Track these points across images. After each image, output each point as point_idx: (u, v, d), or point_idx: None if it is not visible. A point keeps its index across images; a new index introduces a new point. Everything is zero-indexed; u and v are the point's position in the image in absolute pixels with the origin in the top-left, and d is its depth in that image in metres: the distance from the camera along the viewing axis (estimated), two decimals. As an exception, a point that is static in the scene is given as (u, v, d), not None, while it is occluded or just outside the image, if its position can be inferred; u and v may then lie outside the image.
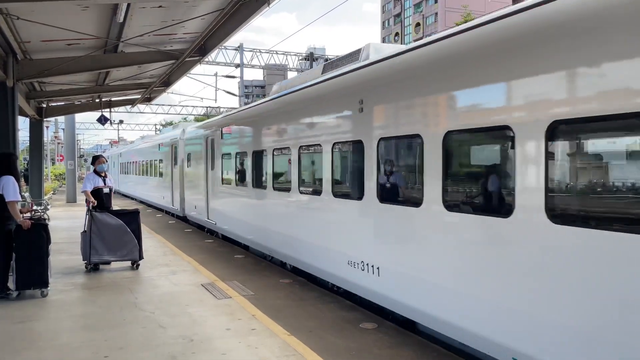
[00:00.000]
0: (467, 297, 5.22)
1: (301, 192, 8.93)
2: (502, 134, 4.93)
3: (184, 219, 18.86)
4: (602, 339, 3.93)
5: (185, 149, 18.21)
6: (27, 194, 15.10)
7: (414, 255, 6.08)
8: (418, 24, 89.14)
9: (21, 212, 8.09)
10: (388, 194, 6.66)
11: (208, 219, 15.02)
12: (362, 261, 7.02)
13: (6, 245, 7.85)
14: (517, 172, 4.64)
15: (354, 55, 8.36)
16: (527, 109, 4.57)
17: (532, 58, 4.50)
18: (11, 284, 7.91)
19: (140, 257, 10.08)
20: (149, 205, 25.64)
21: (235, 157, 12.47)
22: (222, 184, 13.70)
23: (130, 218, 10.05)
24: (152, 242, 13.35)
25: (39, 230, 7.95)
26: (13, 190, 7.71)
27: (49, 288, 8.02)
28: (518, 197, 4.61)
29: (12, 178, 7.82)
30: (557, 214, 4.31)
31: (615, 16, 3.88)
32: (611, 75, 3.91)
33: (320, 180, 8.24)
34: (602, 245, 3.93)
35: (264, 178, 10.76)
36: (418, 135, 5.94)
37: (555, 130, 4.30)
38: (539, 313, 4.42)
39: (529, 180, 4.53)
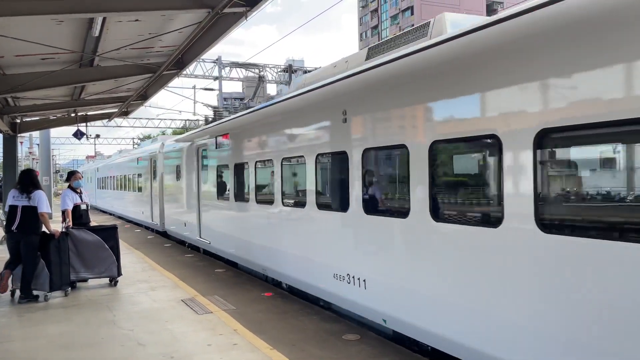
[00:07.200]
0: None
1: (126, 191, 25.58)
2: None
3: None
4: None
5: (99, 174, 35.65)
6: (0, 212, 14.81)
7: None
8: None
9: None
10: None
11: (112, 208, 30.36)
12: None
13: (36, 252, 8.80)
14: None
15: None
16: None
17: None
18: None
19: (119, 274, 9.92)
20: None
21: (114, 177, 28.93)
22: (113, 189, 29.49)
23: (108, 234, 9.89)
24: (130, 257, 13.15)
25: (65, 239, 9.12)
26: (46, 203, 8.78)
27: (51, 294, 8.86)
28: None
29: (43, 193, 8.91)
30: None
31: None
32: None
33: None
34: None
35: (125, 187, 25.55)
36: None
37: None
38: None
39: None
